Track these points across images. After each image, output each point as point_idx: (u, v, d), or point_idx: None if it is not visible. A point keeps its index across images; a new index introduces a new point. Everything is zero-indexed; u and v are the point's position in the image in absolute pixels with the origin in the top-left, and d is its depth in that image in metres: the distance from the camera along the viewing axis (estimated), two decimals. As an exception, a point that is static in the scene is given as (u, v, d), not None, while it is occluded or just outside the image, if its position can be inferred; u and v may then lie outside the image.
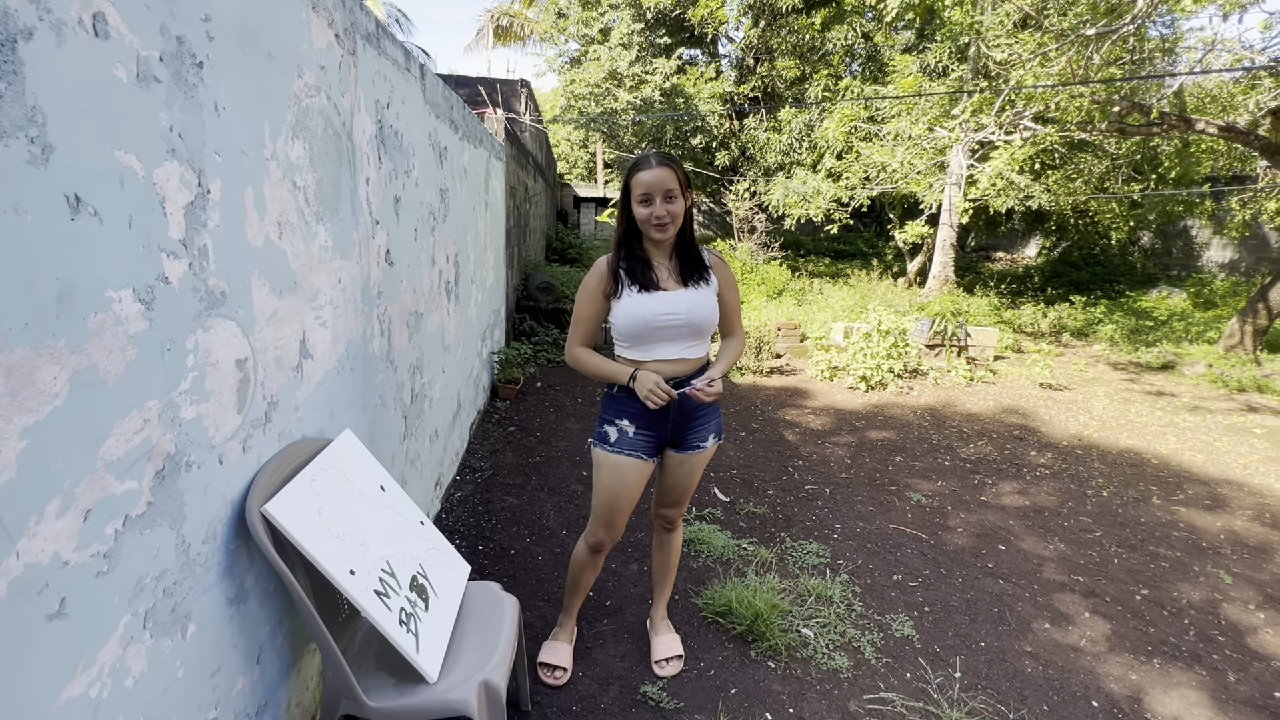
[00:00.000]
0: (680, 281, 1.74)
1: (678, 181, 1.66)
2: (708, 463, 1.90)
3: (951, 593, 2.54)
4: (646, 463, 1.81)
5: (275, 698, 1.39)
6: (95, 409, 0.85)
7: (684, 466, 1.85)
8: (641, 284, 1.70)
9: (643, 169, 1.65)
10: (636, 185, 1.66)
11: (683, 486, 1.90)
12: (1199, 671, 2.14)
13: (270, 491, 1.25)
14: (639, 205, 1.67)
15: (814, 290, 10.05)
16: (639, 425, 1.77)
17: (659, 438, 1.80)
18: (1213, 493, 3.68)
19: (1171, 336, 8.38)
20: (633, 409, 1.76)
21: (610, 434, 1.80)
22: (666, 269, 1.75)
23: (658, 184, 1.64)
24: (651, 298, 1.69)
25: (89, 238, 0.83)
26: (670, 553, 2.05)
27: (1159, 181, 10.20)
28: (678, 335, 1.71)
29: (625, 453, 1.78)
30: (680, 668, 2.01)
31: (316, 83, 1.53)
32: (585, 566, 1.96)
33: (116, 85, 0.87)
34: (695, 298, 1.72)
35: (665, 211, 1.65)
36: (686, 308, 1.70)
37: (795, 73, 12.93)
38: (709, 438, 1.84)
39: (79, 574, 0.83)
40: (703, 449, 1.84)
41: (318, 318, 1.57)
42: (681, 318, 1.69)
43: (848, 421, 4.74)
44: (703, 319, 1.72)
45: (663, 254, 1.76)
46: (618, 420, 1.78)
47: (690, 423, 1.80)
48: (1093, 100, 6.87)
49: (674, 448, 1.84)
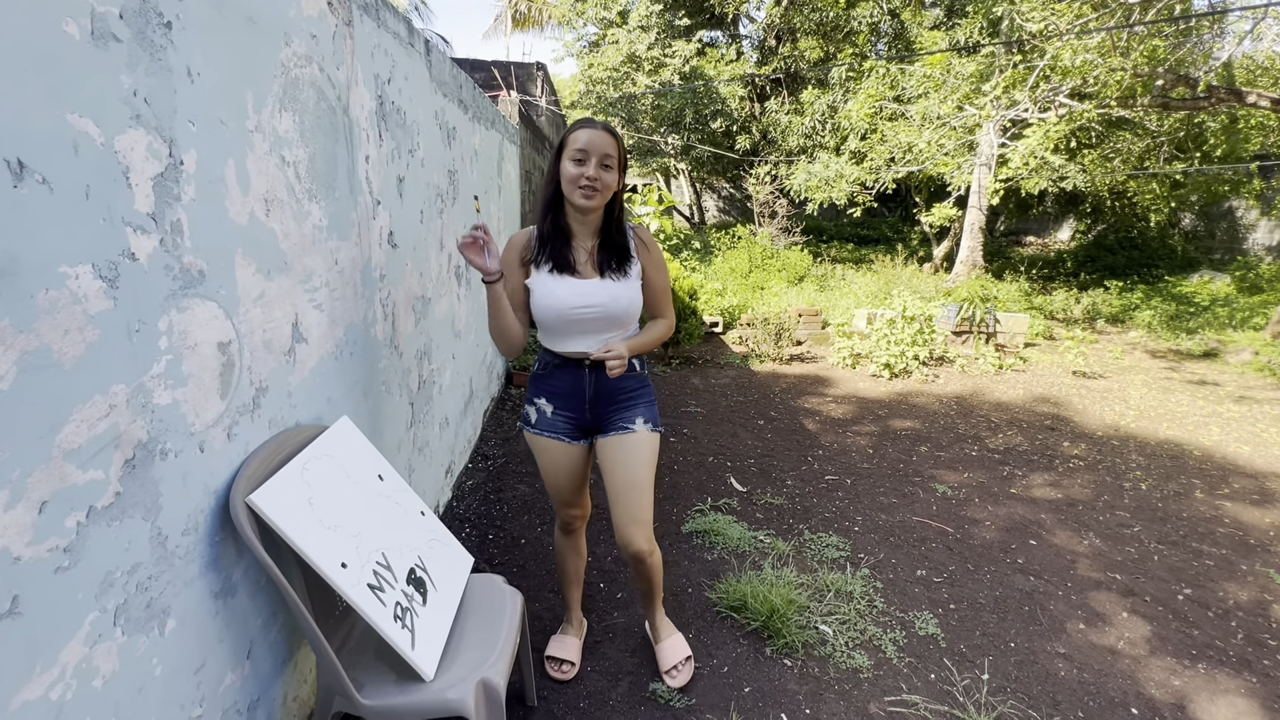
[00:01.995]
0: (597, 269, 1.63)
1: (617, 153, 1.57)
2: (653, 459, 1.71)
3: (979, 590, 2.42)
4: (572, 445, 1.73)
5: (269, 693, 1.35)
6: (49, 393, 0.79)
7: (616, 452, 1.68)
8: (556, 263, 1.61)
9: (584, 127, 1.56)
10: (573, 141, 1.56)
11: (625, 482, 1.67)
12: (1248, 678, 2.00)
13: (258, 481, 1.20)
14: (571, 163, 1.56)
15: (836, 276, 9.83)
16: (557, 405, 1.71)
17: (578, 419, 1.71)
18: (1261, 487, 3.48)
19: (1214, 323, 8.02)
20: (551, 387, 1.71)
21: (531, 414, 1.74)
22: (586, 251, 1.65)
23: (597, 146, 1.54)
24: (563, 284, 1.60)
25: (35, 207, 0.76)
26: (649, 580, 1.80)
27: (1203, 159, 9.72)
28: (593, 328, 1.63)
29: (546, 434, 1.72)
30: (692, 671, 1.88)
31: (307, 52, 1.46)
32: (565, 549, 1.92)
33: (67, 42, 0.80)
34: (612, 289, 1.62)
35: (597, 175, 1.55)
36: (602, 299, 1.61)
37: (818, 53, 12.58)
38: (637, 419, 1.69)
39: (33, 570, 0.78)
40: (630, 430, 1.68)
41: (312, 300, 1.50)
42: (597, 310, 1.61)
43: (870, 410, 4.60)
44: (621, 311, 1.63)
45: (586, 231, 1.65)
46: (537, 399, 1.73)
47: (611, 403, 1.69)
48: (1134, 74, 6.53)
49: (600, 433, 1.72)
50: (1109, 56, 6.44)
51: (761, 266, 9.63)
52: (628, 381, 1.71)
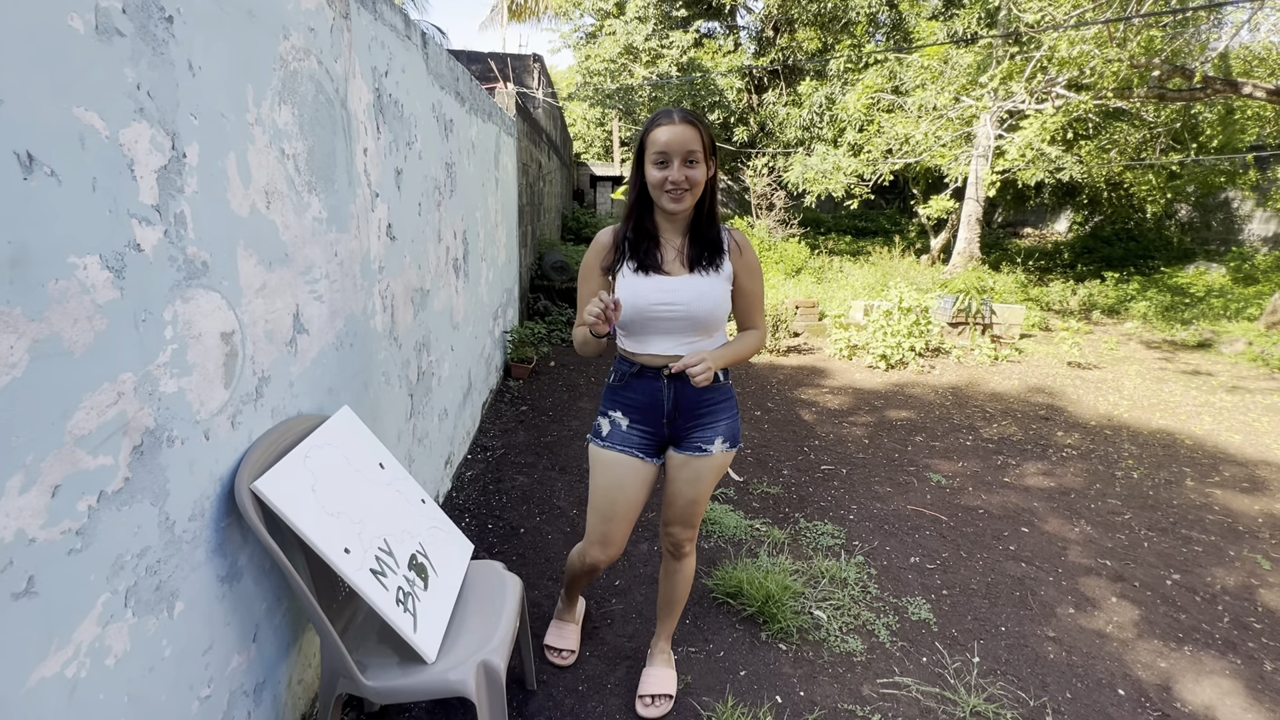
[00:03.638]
0: (687, 266, 1.52)
1: (702, 144, 1.43)
2: (719, 475, 1.64)
3: (971, 576, 2.46)
4: (644, 463, 1.61)
5: (274, 675, 1.38)
6: (61, 380, 0.81)
7: (686, 471, 1.61)
8: (641, 263, 1.50)
9: (662, 123, 1.42)
10: (653, 143, 1.43)
11: (687, 498, 1.62)
12: (1233, 660, 2.05)
13: (262, 468, 1.22)
14: (654, 167, 1.44)
15: (833, 268, 9.85)
16: (633, 418, 1.60)
17: (656, 434, 1.61)
18: (1251, 475, 3.52)
19: (1209, 313, 8.06)
20: (627, 399, 1.59)
21: (603, 426, 1.63)
22: (675, 249, 1.53)
23: (678, 143, 1.40)
24: (648, 281, 1.49)
25: (45, 199, 0.78)
26: (677, 584, 1.77)
27: (1199, 150, 9.73)
28: (675, 328, 1.51)
29: (618, 448, 1.60)
30: (668, 709, 1.73)
31: (305, 45, 1.47)
32: (579, 575, 1.83)
33: (72, 36, 0.82)
34: (700, 286, 1.50)
35: (684, 177, 1.42)
36: (687, 297, 1.48)
37: (816, 44, 12.54)
38: (715, 440, 1.59)
39: (48, 551, 0.80)
40: (707, 453, 1.59)
41: (313, 291, 1.52)
42: (680, 309, 1.49)
43: (866, 401, 4.63)
44: (705, 312, 1.50)
45: (675, 230, 1.54)
46: (611, 412, 1.62)
47: (691, 418, 1.58)
48: (1131, 65, 6.54)
49: (675, 446, 1.63)
50: (1106, 47, 6.44)
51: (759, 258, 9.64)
52: (711, 394, 1.58)
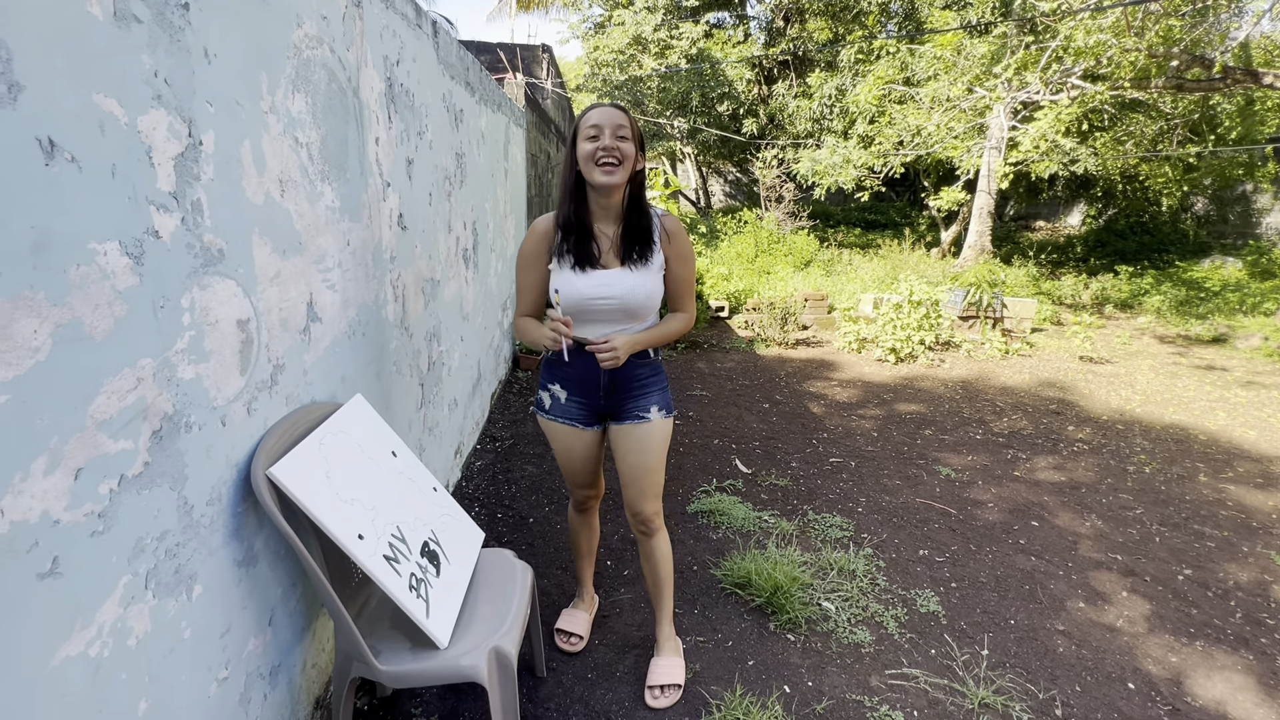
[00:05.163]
0: (620, 257, 1.61)
1: (631, 127, 1.54)
2: (665, 443, 1.72)
3: (980, 569, 2.46)
4: (585, 431, 1.73)
5: (289, 658, 1.40)
6: (83, 365, 0.82)
7: (630, 441, 1.69)
8: (577, 257, 1.59)
9: (594, 108, 1.56)
10: (585, 122, 1.53)
11: (639, 468, 1.70)
12: (1245, 655, 2.04)
13: (277, 455, 1.23)
14: (586, 142, 1.52)
15: (843, 261, 9.79)
16: (570, 391, 1.70)
17: (592, 405, 1.70)
18: (1265, 470, 3.49)
19: (1224, 308, 7.96)
20: (563, 373, 1.69)
21: (545, 400, 1.75)
22: (609, 239, 1.62)
23: (609, 120, 1.51)
24: (585, 277, 1.58)
25: (67, 185, 0.79)
26: (656, 563, 1.80)
27: (1217, 142, 9.58)
28: (609, 317, 1.61)
29: (560, 420, 1.73)
30: (677, 698, 1.76)
31: (318, 34, 1.47)
32: (579, 526, 1.96)
33: (91, 22, 0.82)
34: (632, 279, 1.59)
35: (615, 145, 1.50)
36: (621, 291, 1.58)
37: (827, 34, 12.41)
38: (651, 408, 1.68)
39: (72, 533, 0.82)
40: (645, 419, 1.68)
41: (325, 280, 1.53)
42: (614, 302, 1.58)
43: (875, 394, 4.62)
44: (638, 303, 1.60)
45: (609, 217, 1.61)
46: (550, 385, 1.73)
47: (626, 391, 1.68)
48: (1149, 54, 6.43)
49: (614, 419, 1.72)
50: (1123, 36, 6.33)
51: (768, 251, 9.59)
52: (641, 370, 1.69)
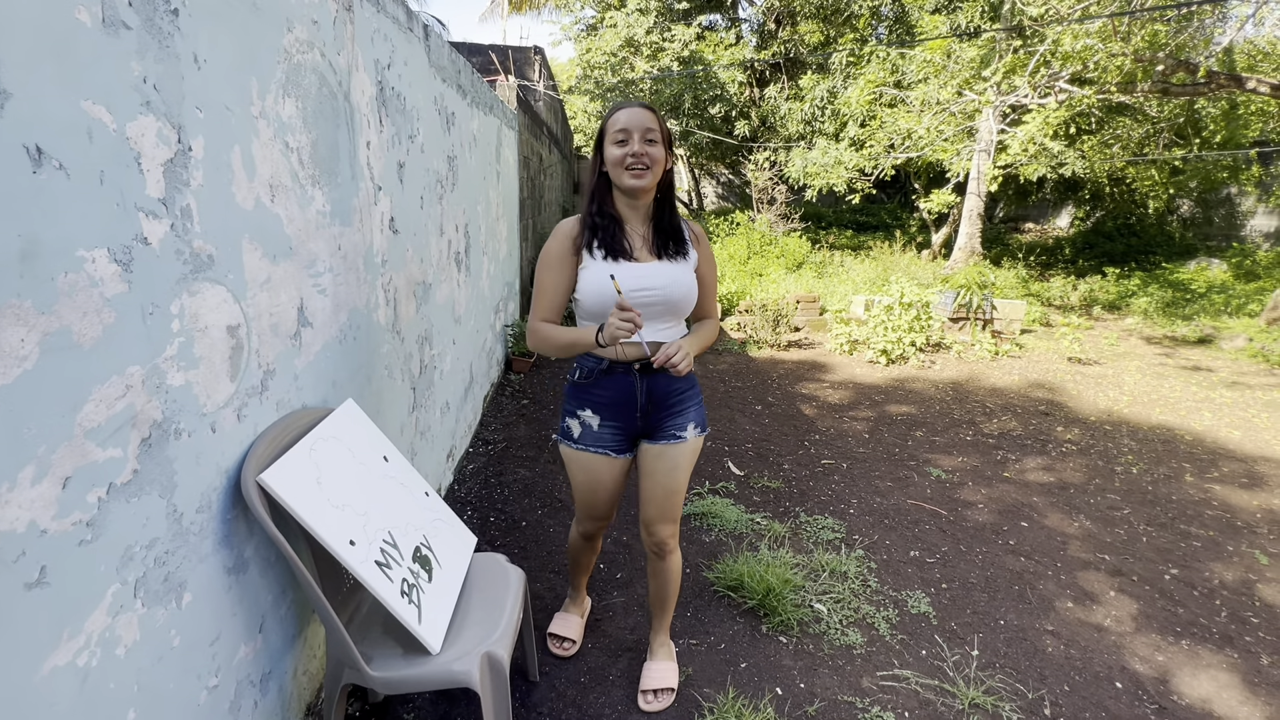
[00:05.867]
0: (654, 253, 1.53)
1: (659, 128, 1.47)
2: (694, 462, 1.65)
3: (970, 570, 2.48)
4: (618, 459, 1.62)
5: (280, 666, 1.39)
6: (71, 373, 0.82)
7: (662, 461, 1.60)
8: (609, 249, 1.48)
9: (622, 108, 1.47)
10: (613, 124, 1.46)
11: (666, 490, 1.61)
12: (1230, 654, 2.06)
13: (267, 461, 1.23)
14: (614, 146, 1.46)
15: (834, 263, 9.83)
16: (604, 416, 1.57)
17: (628, 428, 1.60)
18: (1250, 470, 3.53)
19: (1210, 309, 8.05)
20: (596, 397, 1.56)
21: (573, 428, 1.61)
22: (641, 237, 1.54)
23: (637, 122, 1.45)
24: (620, 269, 1.47)
25: (54, 193, 0.79)
26: (668, 581, 1.74)
27: (1202, 146, 9.70)
28: (652, 315, 1.50)
29: (591, 449, 1.59)
30: (670, 702, 1.74)
31: (309, 38, 1.47)
32: (581, 550, 1.88)
33: (79, 29, 0.82)
34: (672, 272, 1.51)
35: (644, 151, 1.44)
36: (663, 282, 1.49)
37: (818, 37, 12.46)
38: (688, 426, 1.61)
39: (59, 542, 0.81)
40: (681, 439, 1.60)
41: (316, 285, 1.53)
42: (657, 294, 1.48)
43: (867, 395, 4.64)
44: (680, 296, 1.51)
45: (638, 217, 1.54)
46: (580, 411, 1.59)
47: (664, 409, 1.58)
48: (1135, 59, 6.51)
49: (648, 438, 1.62)
50: (1110, 41, 6.41)
51: (760, 253, 9.63)
52: (679, 383, 1.58)
